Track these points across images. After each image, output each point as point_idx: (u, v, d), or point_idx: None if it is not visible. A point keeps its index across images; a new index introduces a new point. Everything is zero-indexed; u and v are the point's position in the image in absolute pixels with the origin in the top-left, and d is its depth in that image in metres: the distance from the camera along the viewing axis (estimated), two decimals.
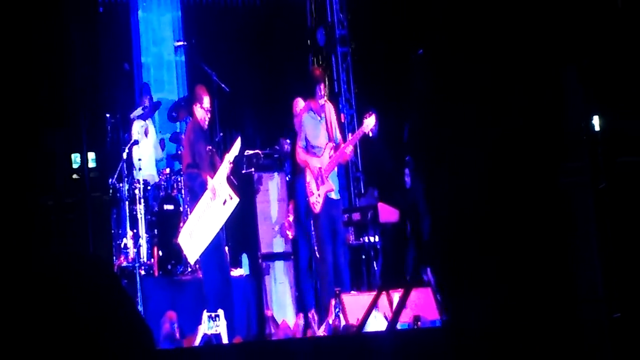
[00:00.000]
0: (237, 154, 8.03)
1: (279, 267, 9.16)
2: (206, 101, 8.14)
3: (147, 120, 9.90)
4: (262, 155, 9.41)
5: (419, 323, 7.32)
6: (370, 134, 8.58)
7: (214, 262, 7.91)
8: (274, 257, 9.06)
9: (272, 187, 9.28)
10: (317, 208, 8.38)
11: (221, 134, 9.12)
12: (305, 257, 8.80)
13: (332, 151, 8.46)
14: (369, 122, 8.49)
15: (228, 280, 8.09)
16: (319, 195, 8.37)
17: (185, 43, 10.69)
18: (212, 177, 7.86)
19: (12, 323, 3.58)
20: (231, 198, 7.79)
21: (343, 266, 8.42)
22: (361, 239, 9.70)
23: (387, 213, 9.72)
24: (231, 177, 8.20)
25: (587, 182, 4.59)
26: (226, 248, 8.37)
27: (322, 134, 8.53)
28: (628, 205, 5.23)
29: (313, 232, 8.53)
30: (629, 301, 4.69)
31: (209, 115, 8.13)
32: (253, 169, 9.24)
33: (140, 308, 8.06)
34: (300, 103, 8.88)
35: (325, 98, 8.64)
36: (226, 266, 8.16)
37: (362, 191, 11.32)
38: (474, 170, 4.40)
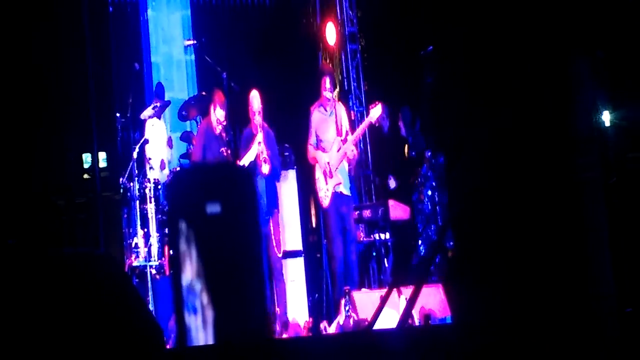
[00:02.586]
0: (252, 159, 8.13)
1: (290, 265, 9.15)
2: (220, 114, 8.34)
3: (160, 119, 9.91)
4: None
5: (429, 322, 7.32)
6: (377, 124, 8.63)
7: None
8: (285, 254, 9.06)
9: (285, 184, 9.28)
10: (326, 203, 8.40)
11: (231, 133, 9.13)
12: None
13: (340, 144, 8.50)
14: (375, 112, 8.56)
15: None
16: (327, 189, 8.39)
17: (195, 42, 10.67)
18: None
19: (23, 322, 3.58)
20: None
21: (353, 263, 8.43)
22: (372, 236, 9.69)
23: (398, 210, 9.71)
24: None
25: (598, 178, 4.56)
26: None
27: (332, 128, 8.55)
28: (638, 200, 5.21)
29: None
30: None
31: (220, 126, 8.31)
32: None
33: (151, 307, 8.07)
34: (255, 99, 8.58)
35: (335, 94, 8.65)
36: None
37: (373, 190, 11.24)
38: (483, 167, 4.37)
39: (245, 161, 8.15)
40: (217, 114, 8.46)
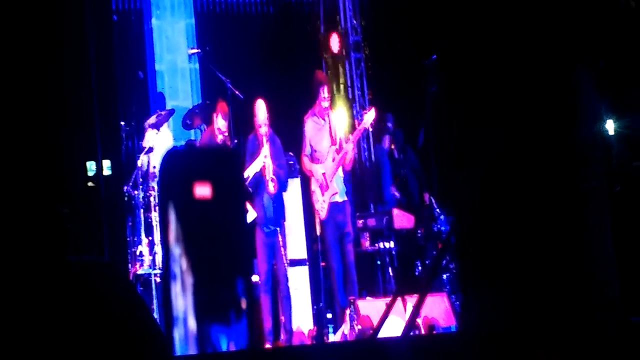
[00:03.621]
0: (257, 170, 8.12)
1: (294, 273, 9.15)
2: (222, 124, 8.37)
3: (163, 127, 9.92)
4: None
5: (433, 331, 7.32)
6: (371, 129, 8.70)
7: None
8: (290, 263, 9.05)
9: (289, 193, 9.27)
10: (323, 214, 8.40)
11: (236, 141, 9.14)
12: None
13: (335, 154, 8.50)
14: (368, 117, 8.60)
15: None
16: (324, 201, 8.39)
17: (199, 50, 10.70)
18: None
19: (28, 329, 3.59)
20: (247, 211, 7.81)
21: (351, 265, 8.43)
22: (376, 245, 9.69)
23: (402, 219, 9.72)
24: (249, 189, 8.23)
25: (602, 187, 4.57)
26: None
27: (326, 138, 8.56)
28: None
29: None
30: None
31: (222, 136, 8.36)
32: None
33: (156, 315, 8.07)
34: (260, 110, 8.46)
35: (329, 103, 8.64)
36: None
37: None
38: (487, 175, 4.37)
39: (250, 172, 8.12)
40: (219, 124, 8.50)
